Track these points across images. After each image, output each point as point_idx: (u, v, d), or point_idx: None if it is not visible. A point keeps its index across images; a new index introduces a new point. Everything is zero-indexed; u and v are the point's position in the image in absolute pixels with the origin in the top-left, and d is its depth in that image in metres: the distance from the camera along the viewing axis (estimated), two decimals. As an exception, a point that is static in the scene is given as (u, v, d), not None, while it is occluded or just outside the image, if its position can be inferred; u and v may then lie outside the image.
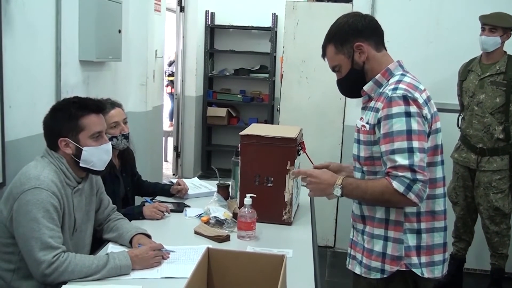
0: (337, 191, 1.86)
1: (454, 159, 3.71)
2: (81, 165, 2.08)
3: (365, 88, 1.91)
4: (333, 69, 1.99)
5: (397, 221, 1.82)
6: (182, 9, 6.32)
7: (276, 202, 2.55)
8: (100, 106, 2.18)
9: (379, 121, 1.78)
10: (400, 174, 1.69)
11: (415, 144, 1.70)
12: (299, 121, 4.07)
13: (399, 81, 1.81)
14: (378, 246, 1.85)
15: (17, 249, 1.96)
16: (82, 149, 2.06)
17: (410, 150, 1.69)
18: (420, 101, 1.75)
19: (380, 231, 1.85)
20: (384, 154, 1.75)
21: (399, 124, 1.72)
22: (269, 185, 2.54)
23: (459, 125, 3.70)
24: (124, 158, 2.85)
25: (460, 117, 3.71)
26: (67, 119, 2.07)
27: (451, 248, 3.75)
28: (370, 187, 1.79)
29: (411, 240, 1.82)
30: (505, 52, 3.51)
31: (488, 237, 3.65)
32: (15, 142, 2.58)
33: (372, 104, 1.86)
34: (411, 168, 1.68)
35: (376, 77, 1.88)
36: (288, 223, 2.57)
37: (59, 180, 2.02)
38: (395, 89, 1.77)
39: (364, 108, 1.94)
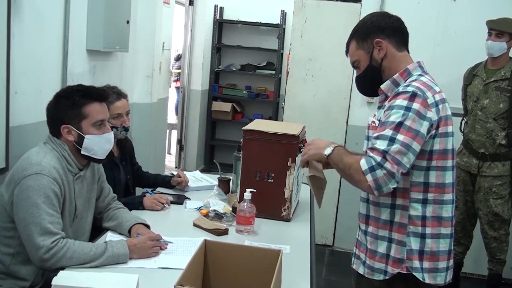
0: (328, 150, 1.85)
1: (456, 163, 3.70)
2: (82, 152, 2.10)
3: (382, 86, 1.91)
4: (353, 64, 1.99)
5: (401, 223, 1.83)
6: (191, 3, 6.32)
7: (276, 198, 2.56)
8: (104, 95, 2.19)
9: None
10: (371, 154, 1.69)
11: (400, 137, 1.68)
12: (303, 118, 4.08)
13: (414, 80, 1.82)
14: (382, 248, 1.87)
15: (16, 233, 1.98)
16: (84, 137, 2.08)
17: (392, 140, 1.69)
18: (430, 101, 1.74)
19: (385, 233, 1.86)
20: (372, 138, 1.77)
21: (395, 116, 1.72)
22: (269, 181, 2.55)
23: (462, 130, 3.71)
24: (123, 146, 2.87)
25: (463, 122, 3.71)
26: (70, 107, 2.08)
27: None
28: (347, 158, 1.79)
29: (414, 243, 1.82)
30: (511, 58, 3.50)
31: (487, 242, 3.65)
32: (19, 128, 2.61)
33: (386, 103, 1.86)
34: (383, 153, 1.67)
35: (394, 76, 1.88)
36: (287, 220, 2.58)
37: (61, 167, 2.03)
38: (408, 85, 1.78)
39: (379, 107, 1.95)
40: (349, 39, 1.99)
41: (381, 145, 1.69)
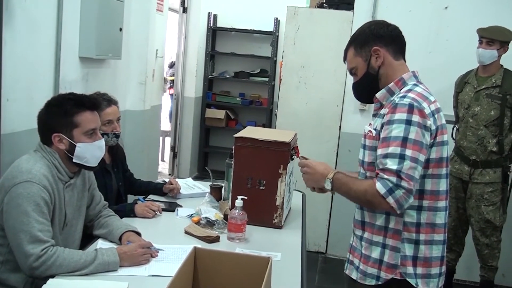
0: (328, 185, 1.90)
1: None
2: (74, 160, 2.10)
3: (377, 95, 1.92)
4: (350, 71, 2.01)
5: (396, 229, 1.83)
6: (185, 10, 6.34)
7: (267, 205, 2.56)
8: (96, 104, 2.19)
9: (382, 126, 1.80)
10: (386, 177, 1.71)
11: (408, 152, 1.70)
12: (296, 125, 4.10)
13: (409, 90, 1.83)
14: (375, 253, 1.87)
15: (6, 241, 1.97)
16: (75, 145, 2.08)
17: (402, 157, 1.70)
18: (427, 111, 1.75)
19: (379, 238, 1.86)
20: (378, 157, 1.77)
21: (397, 130, 1.73)
22: (261, 188, 2.55)
23: (454, 137, 3.72)
24: (115, 153, 2.87)
25: (455, 129, 3.73)
26: (62, 115, 2.08)
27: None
28: (356, 185, 1.82)
29: (408, 249, 1.83)
30: (502, 65, 3.53)
31: (479, 249, 3.66)
32: (11, 135, 2.60)
33: (382, 111, 1.87)
34: (397, 173, 1.70)
35: (389, 85, 1.89)
36: (279, 227, 2.58)
37: (51, 175, 2.03)
38: (403, 97, 1.79)
39: (374, 115, 1.96)
40: (347, 46, 2.01)
41: (393, 164, 1.71)
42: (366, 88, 1.96)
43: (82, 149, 2.09)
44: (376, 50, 1.90)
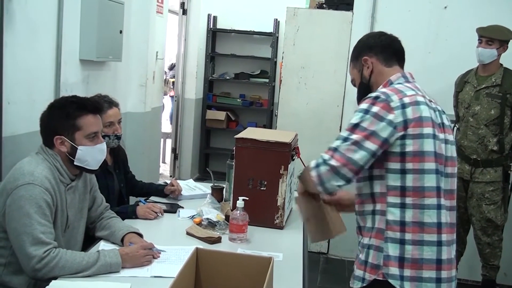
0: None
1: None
2: (75, 163, 2.11)
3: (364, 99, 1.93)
4: (352, 83, 2.08)
5: (379, 228, 1.78)
6: (184, 12, 6.35)
7: (268, 206, 2.57)
8: (98, 107, 2.20)
9: None
10: (322, 153, 1.78)
11: (353, 136, 1.72)
12: (297, 126, 4.10)
13: (388, 87, 1.85)
14: (363, 254, 1.84)
15: (8, 243, 1.98)
16: (77, 148, 2.08)
17: (345, 139, 1.74)
18: (393, 104, 1.74)
19: (367, 240, 1.83)
20: None
21: (354, 118, 1.77)
22: (262, 188, 2.56)
23: (454, 136, 3.72)
24: (116, 154, 2.88)
25: (455, 128, 3.73)
26: (64, 118, 2.09)
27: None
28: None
29: (392, 249, 1.75)
30: (501, 64, 3.54)
31: (480, 248, 3.67)
32: (12, 138, 2.61)
33: None
34: (333, 151, 1.74)
35: (378, 88, 1.91)
36: (280, 227, 2.59)
37: (52, 177, 2.04)
38: (376, 91, 1.82)
39: None
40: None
41: (334, 143, 1.76)
42: (363, 96, 1.96)
43: (84, 152, 2.10)
44: (365, 60, 1.96)
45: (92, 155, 2.13)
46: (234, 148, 2.62)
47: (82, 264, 1.92)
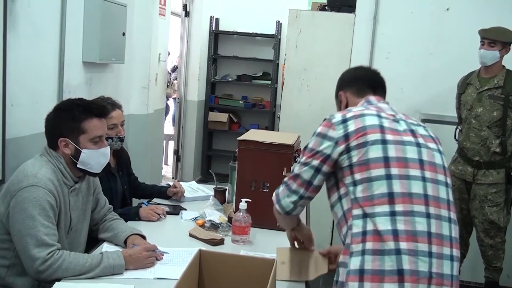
0: None
1: (451, 171, 3.73)
2: (78, 166, 2.11)
3: None
4: None
5: (347, 244, 1.67)
6: (187, 14, 6.36)
7: (271, 208, 2.55)
8: (104, 111, 2.21)
9: None
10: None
11: (303, 159, 1.79)
12: (299, 128, 4.09)
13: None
14: (336, 275, 1.73)
15: (12, 245, 1.99)
16: (81, 151, 2.09)
17: (298, 162, 1.82)
18: (335, 120, 1.74)
19: (340, 258, 1.72)
20: None
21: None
22: (265, 190, 2.56)
23: (457, 138, 3.73)
24: (119, 156, 2.88)
25: (458, 130, 3.73)
26: (69, 120, 2.09)
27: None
28: None
29: (354, 263, 1.60)
30: (504, 66, 3.53)
31: (483, 250, 3.66)
32: (15, 140, 2.62)
33: None
34: (291, 175, 1.83)
35: None
36: (283, 229, 2.58)
37: (56, 179, 2.04)
38: None
39: None
40: None
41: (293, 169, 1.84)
42: None
43: (87, 155, 2.10)
44: (340, 95, 2.01)
45: (96, 158, 2.14)
46: (236, 150, 2.62)
47: (86, 266, 1.93)
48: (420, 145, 1.73)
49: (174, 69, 7.73)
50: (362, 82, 1.97)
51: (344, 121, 1.73)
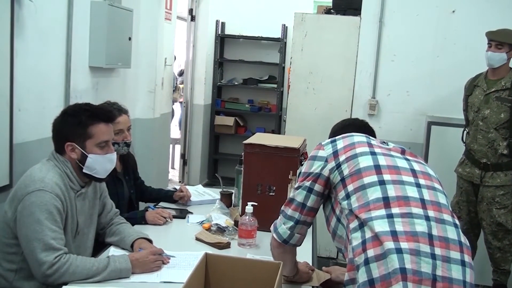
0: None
1: (458, 174, 3.72)
2: (84, 171, 2.12)
3: None
4: None
5: (350, 259, 1.61)
6: (193, 18, 6.38)
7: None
8: (111, 117, 2.22)
9: None
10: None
11: (298, 184, 1.84)
12: (305, 131, 4.10)
13: None
14: None
15: (19, 249, 2.00)
16: (87, 156, 2.10)
17: (293, 189, 1.86)
18: (324, 142, 1.84)
19: (346, 276, 1.65)
20: None
21: None
22: (271, 194, 2.56)
23: (464, 140, 3.71)
24: (126, 161, 2.89)
25: (465, 132, 3.71)
26: (76, 125, 2.10)
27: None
28: None
29: (362, 275, 1.53)
30: (511, 68, 3.52)
31: (491, 252, 3.64)
32: (23, 145, 2.63)
33: None
34: (286, 201, 1.87)
35: None
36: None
37: (63, 183, 2.05)
38: None
39: None
40: None
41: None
42: None
43: (93, 160, 2.11)
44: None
45: (101, 164, 2.15)
46: (242, 153, 2.62)
47: (92, 270, 1.93)
48: (410, 160, 1.76)
49: (181, 73, 7.75)
50: (352, 129, 1.99)
51: (333, 141, 1.83)
